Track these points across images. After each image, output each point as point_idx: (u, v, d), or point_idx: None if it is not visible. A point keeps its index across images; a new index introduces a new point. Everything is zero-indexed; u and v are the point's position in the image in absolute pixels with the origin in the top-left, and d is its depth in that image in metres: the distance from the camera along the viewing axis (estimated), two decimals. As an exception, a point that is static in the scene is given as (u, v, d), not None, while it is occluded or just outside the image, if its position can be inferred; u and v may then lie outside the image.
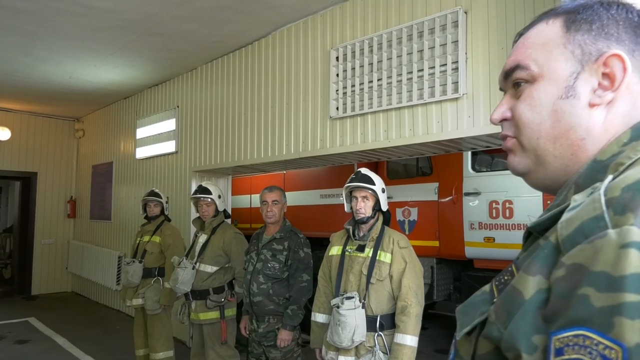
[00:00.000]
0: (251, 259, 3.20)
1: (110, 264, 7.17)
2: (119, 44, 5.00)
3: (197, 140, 5.71)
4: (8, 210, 12.20)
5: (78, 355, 5.18)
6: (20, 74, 6.12)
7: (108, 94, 7.13)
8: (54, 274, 8.73)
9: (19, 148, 8.41)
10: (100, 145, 8.25)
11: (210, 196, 3.68)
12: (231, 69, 5.22)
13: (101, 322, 6.66)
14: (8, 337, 5.84)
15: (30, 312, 7.12)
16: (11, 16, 4.29)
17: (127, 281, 4.33)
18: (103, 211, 7.88)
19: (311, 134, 4.20)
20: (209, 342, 3.53)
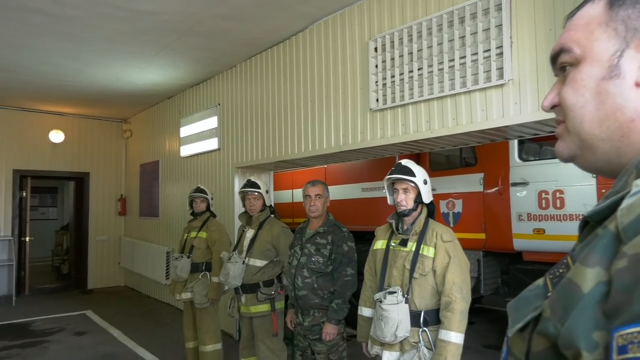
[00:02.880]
0: (295, 253, 3.21)
1: (159, 259, 7.42)
2: (160, 45, 5.12)
3: (238, 137, 5.79)
4: (64, 209, 12.85)
5: (131, 346, 5.40)
6: (70, 79, 6.40)
7: (152, 94, 7.35)
8: (107, 269, 9.13)
9: (72, 150, 8.82)
10: (147, 145, 8.52)
11: (259, 190, 3.73)
12: (269, 65, 5.25)
13: (152, 315, 6.91)
14: (67, 329, 6.16)
15: (87, 306, 7.47)
16: (60, 23, 4.48)
17: (176, 276, 4.46)
18: (151, 208, 8.15)
19: (351, 127, 4.17)
20: (260, 335, 3.58)
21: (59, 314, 7.00)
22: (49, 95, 7.35)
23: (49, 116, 8.53)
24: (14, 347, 5.39)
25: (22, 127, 8.29)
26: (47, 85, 6.73)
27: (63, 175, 9.16)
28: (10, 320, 6.62)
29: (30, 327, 6.28)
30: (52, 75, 6.21)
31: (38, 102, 7.86)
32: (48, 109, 8.31)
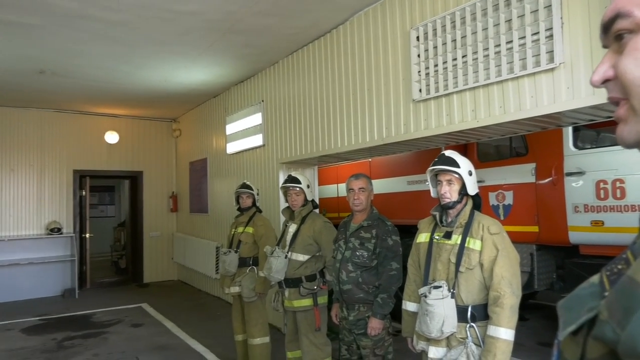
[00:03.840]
0: (339, 248, 3.20)
1: (209, 254, 7.62)
2: (205, 45, 5.24)
3: (282, 133, 5.84)
4: (121, 207, 13.46)
5: (184, 338, 5.58)
6: (121, 81, 6.67)
7: (199, 93, 7.54)
8: (161, 264, 9.49)
9: (126, 150, 9.21)
10: (195, 143, 8.77)
11: (300, 185, 3.74)
12: (311, 60, 5.25)
13: (204, 308, 7.12)
14: (125, 321, 6.45)
15: (143, 299, 7.80)
16: (110, 28, 4.67)
17: (224, 270, 4.56)
18: (201, 205, 8.39)
19: (394, 119, 4.10)
20: (303, 329, 3.60)
21: (117, 306, 7.35)
22: (103, 98, 7.70)
23: (104, 118, 8.94)
24: (76, 337, 5.71)
25: (80, 129, 8.74)
26: (101, 89, 7.05)
27: (118, 174, 9.61)
28: (73, 312, 7.02)
29: (92, 319, 6.63)
30: (105, 78, 6.50)
31: (94, 105, 8.26)
32: (103, 111, 8.71)
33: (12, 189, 8.15)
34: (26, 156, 8.26)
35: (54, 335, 5.81)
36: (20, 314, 6.92)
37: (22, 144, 8.23)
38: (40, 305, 7.50)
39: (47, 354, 5.13)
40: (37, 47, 5.21)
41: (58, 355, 5.08)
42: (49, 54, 5.45)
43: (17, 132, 8.19)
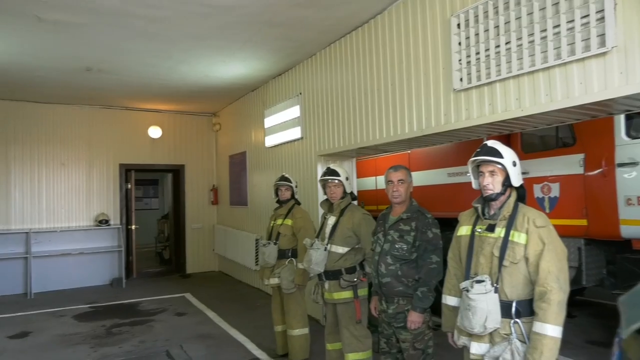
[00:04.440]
0: (378, 240, 3.17)
1: (249, 246, 7.74)
2: (243, 39, 5.28)
3: (320, 125, 5.83)
4: (164, 200, 13.87)
5: (225, 328, 5.71)
6: (164, 77, 6.84)
7: (238, 87, 7.63)
8: (203, 255, 9.73)
9: (169, 144, 9.47)
10: (235, 137, 8.90)
11: (339, 178, 3.72)
12: (349, 51, 5.21)
13: (244, 299, 7.25)
14: (169, 310, 6.66)
15: (186, 289, 8.02)
16: (151, 25, 4.78)
17: (264, 262, 4.63)
18: (240, 197, 8.52)
19: (434, 109, 4.01)
20: (343, 321, 3.60)
21: (162, 295, 7.59)
22: (147, 94, 7.93)
23: (147, 113, 9.22)
24: (124, 325, 5.94)
25: (125, 124, 9.05)
26: (144, 85, 7.26)
27: (162, 168, 9.90)
28: (121, 301, 7.31)
29: (138, 307, 6.88)
30: (148, 74, 6.68)
31: (138, 101, 8.52)
32: (147, 106, 8.98)
33: (64, 183, 8.54)
34: (76, 151, 8.63)
35: (103, 322, 6.07)
36: (72, 302, 7.27)
37: (72, 140, 8.60)
38: (90, 294, 7.85)
39: (97, 339, 5.36)
40: (84, 46, 5.40)
41: (107, 341, 5.30)
42: (95, 52, 5.65)
43: (67, 128, 8.56)
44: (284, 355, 4.61)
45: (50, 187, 8.43)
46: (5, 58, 5.76)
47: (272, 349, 4.79)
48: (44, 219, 8.33)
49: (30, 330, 5.78)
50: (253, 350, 4.89)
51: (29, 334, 5.65)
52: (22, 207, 8.19)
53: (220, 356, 4.73)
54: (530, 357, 2.06)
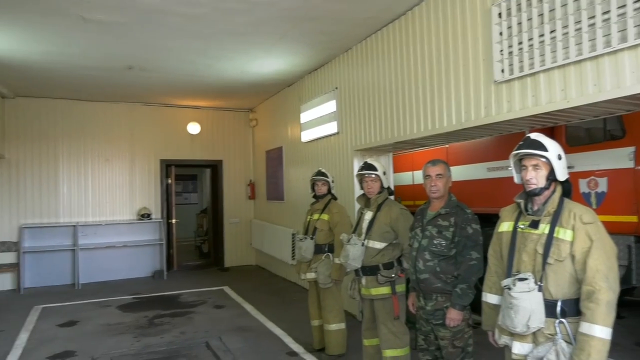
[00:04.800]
0: (416, 236, 3.12)
1: (285, 241, 7.80)
2: (279, 34, 5.30)
3: (356, 120, 5.79)
4: (203, 194, 14.17)
5: (263, 321, 5.78)
6: (202, 74, 6.96)
7: (274, 83, 7.68)
8: (240, 249, 9.89)
9: (207, 139, 9.65)
10: (271, 132, 8.97)
11: (376, 172, 3.69)
12: (385, 44, 5.14)
13: (280, 293, 7.32)
14: (208, 302, 6.81)
15: (224, 282, 8.18)
16: (191, 22, 4.87)
17: (300, 256, 4.65)
18: (277, 192, 8.59)
19: (474, 102, 3.90)
20: (381, 317, 3.58)
21: (201, 288, 7.77)
22: (185, 91, 8.10)
23: (186, 110, 9.42)
24: (165, 316, 6.12)
25: (165, 121, 9.29)
26: (183, 82, 7.41)
27: (200, 163, 10.12)
28: (162, 292, 7.52)
29: (178, 299, 7.06)
30: (187, 72, 6.81)
31: (177, 98, 8.71)
32: (186, 103, 9.17)
33: (108, 178, 8.86)
34: (119, 147, 8.93)
35: (145, 313, 6.27)
36: (117, 292, 7.54)
37: (115, 136, 8.90)
38: (133, 285, 8.12)
39: (140, 329, 5.54)
40: (125, 45, 5.56)
41: (149, 331, 5.47)
42: (135, 51, 5.80)
43: (111, 125, 8.86)
44: (321, 349, 4.62)
45: (96, 182, 8.76)
46: (53, 58, 6.00)
47: (309, 343, 4.81)
48: (90, 212, 8.67)
49: (77, 320, 6.04)
50: (290, 343, 4.94)
51: (76, 323, 5.90)
52: (70, 201, 8.55)
53: (258, 349, 4.79)
54: (576, 358, 1.97)
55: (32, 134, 8.30)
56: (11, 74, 6.70)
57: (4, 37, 5.22)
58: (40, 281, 8.10)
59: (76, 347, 4.95)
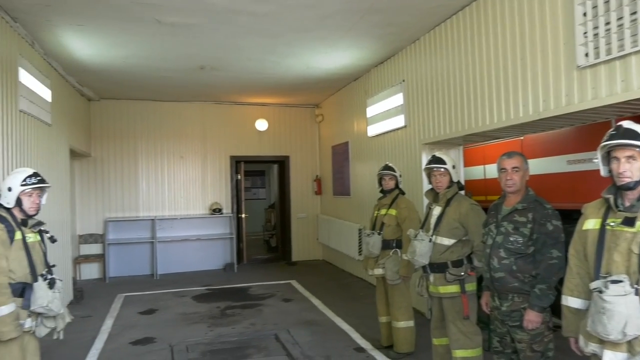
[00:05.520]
0: (490, 232, 2.96)
1: (352, 236, 7.78)
2: (345, 28, 5.25)
3: (425, 112, 5.63)
4: (270, 190, 14.48)
5: (330, 315, 5.80)
6: (269, 71, 7.08)
7: (340, 78, 7.65)
8: (307, 244, 10.00)
9: (274, 136, 9.84)
10: (337, 127, 8.97)
11: (445, 166, 3.55)
12: (455, 33, 4.93)
13: (347, 288, 7.31)
14: (277, 295, 6.94)
15: (292, 276, 8.31)
16: (257, 21, 4.95)
17: (367, 252, 4.60)
18: (343, 187, 8.58)
19: (553, 90, 3.64)
20: (450, 316, 3.45)
21: (269, 281, 7.94)
22: (253, 88, 8.29)
23: (254, 107, 9.65)
24: (236, 307, 6.32)
25: (234, 118, 9.58)
26: (251, 79, 7.58)
27: (268, 159, 10.34)
28: (233, 285, 7.77)
29: (248, 292, 7.27)
30: (255, 69, 6.96)
31: (245, 96, 8.94)
32: (253, 101, 9.39)
33: (182, 174, 9.30)
34: (192, 144, 9.33)
35: (217, 304, 6.51)
36: (191, 283, 7.90)
37: (189, 134, 9.31)
38: (206, 277, 8.46)
39: (213, 319, 5.77)
40: (197, 45, 5.77)
41: (222, 321, 5.68)
42: (207, 51, 6.01)
43: (184, 124, 9.28)
44: (389, 346, 4.56)
45: (172, 178, 9.22)
46: (132, 62, 6.37)
47: (377, 340, 4.76)
48: (166, 207, 9.15)
49: (156, 308, 6.39)
50: (357, 339, 4.91)
51: (155, 311, 6.25)
52: (148, 196, 9.07)
53: (325, 343, 4.81)
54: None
55: (114, 133, 8.88)
56: (96, 78, 7.20)
57: (89, 44, 5.60)
58: (122, 271, 8.67)
59: (155, 334, 5.24)
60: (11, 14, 4.51)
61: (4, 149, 4.36)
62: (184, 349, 4.73)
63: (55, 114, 6.09)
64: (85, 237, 8.60)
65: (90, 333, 5.29)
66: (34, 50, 5.39)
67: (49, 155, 5.85)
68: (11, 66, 4.63)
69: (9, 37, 4.64)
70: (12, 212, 2.84)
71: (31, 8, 4.41)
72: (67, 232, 6.80)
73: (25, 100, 4.94)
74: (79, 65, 6.38)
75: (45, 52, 5.70)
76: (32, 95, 5.16)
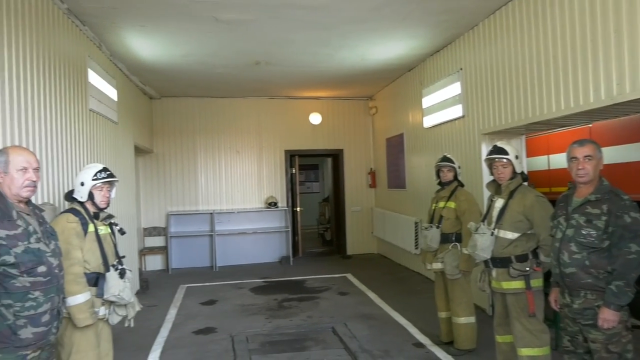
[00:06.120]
0: (559, 225, 2.80)
1: (408, 229, 7.65)
2: (400, 17, 5.14)
3: (484, 101, 5.42)
4: (324, 183, 14.53)
5: (387, 310, 5.74)
6: (323, 64, 7.07)
7: (394, 69, 7.52)
8: (362, 237, 9.95)
9: (328, 129, 9.85)
10: (391, 119, 8.83)
11: (507, 156, 3.40)
12: (516, 16, 4.70)
13: (403, 283, 7.21)
14: (332, 289, 6.96)
15: (347, 269, 8.30)
16: (311, 13, 4.94)
17: (426, 245, 4.50)
18: (398, 180, 8.46)
19: (629, 72, 3.38)
20: (514, 313, 3.31)
21: (325, 275, 7.97)
22: (307, 82, 8.32)
23: (308, 101, 9.70)
24: (293, 300, 6.39)
25: (289, 113, 9.67)
26: (306, 73, 7.61)
27: (322, 153, 10.37)
28: (289, 277, 7.88)
29: (304, 284, 7.34)
30: (308, 63, 6.98)
31: (299, 90, 8.99)
32: (307, 94, 9.43)
33: (239, 169, 9.52)
34: (247, 139, 9.52)
35: (275, 296, 6.62)
36: (248, 276, 8.08)
37: (244, 129, 9.50)
38: (263, 269, 8.62)
39: (270, 311, 5.87)
40: (253, 41, 5.85)
41: (279, 313, 5.76)
42: (262, 46, 6.08)
43: (240, 119, 9.48)
44: (449, 342, 4.45)
45: (229, 173, 9.46)
46: (190, 59, 6.56)
47: (436, 335, 4.66)
48: (224, 201, 9.41)
49: (216, 299, 6.59)
50: (415, 334, 4.84)
51: (215, 302, 6.44)
52: (207, 190, 9.36)
53: (383, 338, 4.77)
54: None
55: (174, 130, 9.22)
56: (157, 77, 7.49)
57: (150, 45, 5.83)
58: (184, 263, 9.01)
59: (216, 324, 5.40)
60: (80, 18, 4.77)
61: (76, 147, 4.63)
62: (244, 340, 4.85)
63: (121, 113, 6.39)
64: (149, 230, 9.01)
65: (155, 322, 5.54)
66: (101, 52, 5.68)
67: (116, 152, 6.15)
68: (81, 68, 4.90)
69: (79, 40, 4.91)
70: (85, 205, 3.00)
71: (98, 11, 4.64)
72: (134, 225, 7.15)
73: (95, 100, 5.21)
74: (142, 65, 6.66)
75: (111, 53, 5.99)
76: (100, 95, 5.45)
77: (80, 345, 2.82)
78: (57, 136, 4.15)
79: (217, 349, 4.65)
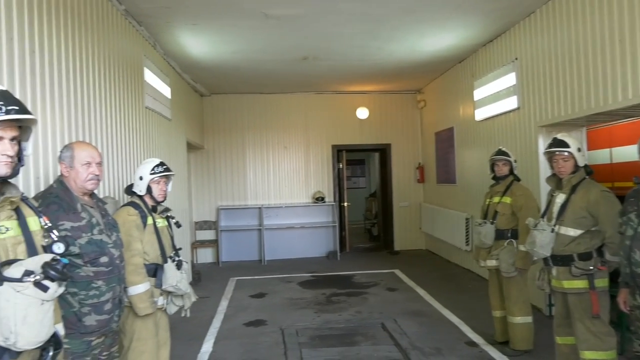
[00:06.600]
0: (630, 222, 2.63)
1: (458, 225, 7.47)
2: (452, 6, 4.99)
3: (541, 92, 5.18)
4: (371, 178, 14.43)
5: (437, 307, 5.63)
6: (371, 57, 6.99)
7: (444, 60, 7.33)
8: (410, 233, 9.81)
9: (375, 124, 9.75)
10: (440, 113, 8.63)
11: (568, 149, 3.23)
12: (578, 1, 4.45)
13: (454, 280, 7.04)
14: (380, 284, 6.90)
15: (394, 265, 8.20)
16: (361, 6, 4.89)
17: (479, 242, 4.36)
18: (448, 175, 8.26)
19: None
20: (577, 314, 3.15)
21: (372, 270, 7.92)
22: (354, 76, 8.26)
23: (355, 96, 9.63)
24: (341, 295, 6.39)
25: (336, 108, 9.65)
26: (353, 67, 7.55)
27: (369, 148, 10.29)
28: (337, 272, 7.88)
29: (352, 280, 7.31)
30: (356, 57, 6.92)
31: (346, 84, 8.95)
32: (354, 89, 9.37)
33: (286, 164, 9.60)
34: (295, 135, 9.59)
35: (323, 291, 6.63)
36: (296, 270, 8.14)
37: (292, 125, 9.57)
38: (310, 264, 8.67)
39: (319, 305, 5.89)
40: (301, 36, 5.86)
41: (327, 308, 5.78)
42: (310, 41, 6.08)
43: (287, 114, 9.56)
44: (503, 342, 4.30)
45: (276, 168, 9.58)
46: (239, 56, 6.66)
47: (489, 334, 4.52)
48: (272, 195, 9.53)
49: (266, 292, 6.69)
50: (468, 333, 4.71)
51: (265, 295, 6.54)
52: (255, 185, 9.51)
53: (434, 335, 4.68)
54: None
55: (224, 126, 9.42)
56: (207, 75, 7.66)
57: (201, 43, 5.96)
58: (233, 256, 9.19)
59: (266, 317, 5.48)
60: (137, 19, 4.93)
61: (133, 143, 4.80)
62: (293, 333, 4.89)
63: (174, 110, 6.59)
64: (200, 224, 9.26)
65: (208, 313, 5.68)
66: (155, 51, 5.87)
67: (169, 148, 6.35)
68: (138, 67, 5.08)
69: (136, 40, 5.09)
70: (144, 199, 3.11)
71: (153, 11, 4.79)
72: (187, 219, 7.37)
73: (150, 98, 5.40)
74: (193, 62, 6.82)
75: (165, 52, 6.17)
76: (155, 92, 5.63)
77: (141, 333, 2.92)
78: (116, 133, 4.32)
79: (268, 341, 4.72)
